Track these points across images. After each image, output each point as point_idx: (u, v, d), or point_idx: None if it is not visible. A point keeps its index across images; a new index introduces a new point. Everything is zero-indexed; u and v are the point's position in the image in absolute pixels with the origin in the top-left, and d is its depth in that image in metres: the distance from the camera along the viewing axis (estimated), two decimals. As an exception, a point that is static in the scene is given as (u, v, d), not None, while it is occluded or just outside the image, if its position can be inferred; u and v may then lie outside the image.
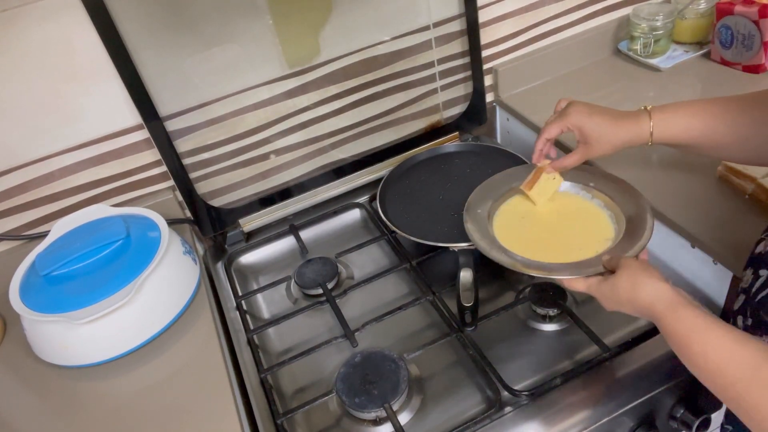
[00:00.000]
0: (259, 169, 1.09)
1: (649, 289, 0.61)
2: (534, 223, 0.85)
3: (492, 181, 0.93)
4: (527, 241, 0.81)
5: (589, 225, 0.83)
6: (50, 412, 0.78)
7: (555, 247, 0.79)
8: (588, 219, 0.84)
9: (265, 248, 1.09)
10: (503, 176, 0.93)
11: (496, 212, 0.88)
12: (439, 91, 1.17)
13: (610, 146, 0.79)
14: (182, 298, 0.88)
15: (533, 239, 0.82)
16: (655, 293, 0.61)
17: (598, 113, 0.79)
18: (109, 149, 1.00)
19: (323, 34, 1.01)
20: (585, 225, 0.83)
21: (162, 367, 0.81)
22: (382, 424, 0.76)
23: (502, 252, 0.79)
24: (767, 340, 0.60)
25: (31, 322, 0.82)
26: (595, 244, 0.78)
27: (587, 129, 0.78)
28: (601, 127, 0.77)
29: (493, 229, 0.84)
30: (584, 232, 0.82)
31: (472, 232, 0.82)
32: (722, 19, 1.12)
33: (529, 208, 0.88)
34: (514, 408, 0.74)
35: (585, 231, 0.82)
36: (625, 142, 0.77)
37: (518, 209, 0.88)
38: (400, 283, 0.97)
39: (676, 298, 0.59)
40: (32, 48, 0.88)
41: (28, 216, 1.01)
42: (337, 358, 0.85)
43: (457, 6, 1.09)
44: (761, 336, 0.61)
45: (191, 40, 0.93)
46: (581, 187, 0.88)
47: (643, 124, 0.76)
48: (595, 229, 0.81)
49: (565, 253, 0.77)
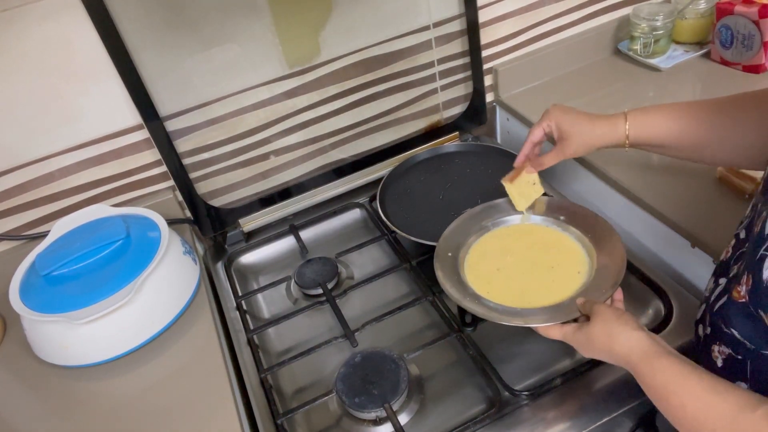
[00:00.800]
0: (259, 169, 1.09)
1: (623, 339, 0.61)
2: (506, 260, 0.83)
3: (460, 221, 0.90)
4: (500, 281, 0.80)
5: (562, 258, 0.81)
6: (50, 412, 0.78)
7: (529, 285, 0.78)
8: (561, 252, 0.82)
9: (265, 248, 1.09)
10: (470, 215, 0.90)
11: (468, 252, 0.85)
12: (439, 91, 1.17)
13: (585, 145, 0.79)
14: (182, 298, 0.88)
15: (506, 278, 0.80)
16: (629, 344, 0.60)
17: (576, 112, 0.80)
18: (109, 149, 1.00)
19: (323, 34, 1.01)
20: (558, 258, 0.81)
21: (162, 367, 0.81)
22: (382, 424, 0.76)
23: (476, 300, 0.77)
24: (723, 350, 0.60)
25: (31, 322, 0.82)
26: (569, 279, 0.77)
27: (565, 125, 0.79)
28: (577, 125, 0.78)
29: (465, 270, 0.82)
30: (558, 267, 0.80)
31: (443, 281, 0.79)
32: (722, 19, 1.12)
33: (500, 244, 0.86)
34: (514, 408, 0.74)
35: (558, 265, 0.80)
36: (601, 141, 0.77)
37: (489, 247, 0.86)
38: (400, 283, 0.97)
39: (652, 347, 0.59)
40: (32, 48, 0.88)
41: (28, 216, 1.01)
42: (337, 358, 0.85)
43: (457, 6, 1.09)
44: (718, 345, 0.61)
45: (191, 39, 0.93)
46: (552, 221, 0.86)
47: (618, 125, 0.76)
48: (568, 262, 0.80)
49: (539, 292, 0.76)
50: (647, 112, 0.76)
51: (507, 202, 0.89)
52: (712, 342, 0.62)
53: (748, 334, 0.56)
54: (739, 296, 0.56)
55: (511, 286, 0.79)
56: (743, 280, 0.55)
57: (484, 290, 0.79)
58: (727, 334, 0.59)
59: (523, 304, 0.75)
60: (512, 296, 0.77)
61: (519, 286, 0.79)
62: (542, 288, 0.77)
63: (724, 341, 0.60)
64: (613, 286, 0.72)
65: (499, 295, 0.77)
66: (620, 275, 0.73)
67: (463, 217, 0.90)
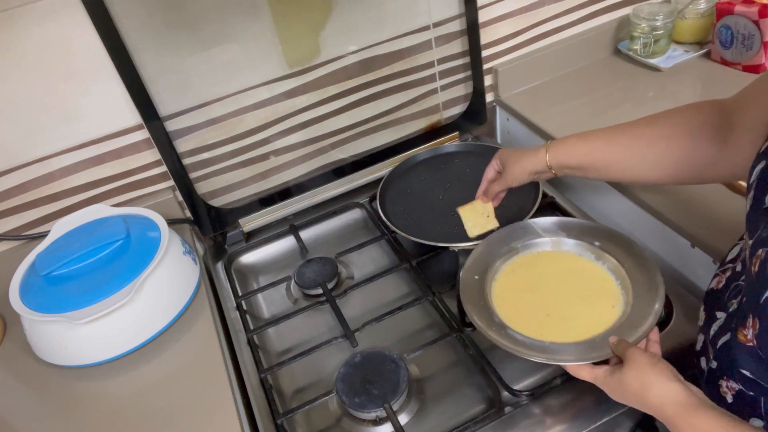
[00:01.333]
0: (259, 169, 1.09)
1: (658, 390, 0.58)
2: (535, 287, 0.79)
3: (488, 242, 0.86)
4: (528, 309, 0.76)
5: (595, 289, 0.77)
6: (50, 412, 0.78)
7: (558, 315, 0.74)
8: (593, 282, 0.78)
9: (265, 248, 1.09)
10: (499, 236, 0.86)
11: (495, 277, 0.81)
12: (439, 91, 1.17)
13: (519, 172, 0.85)
14: (182, 298, 0.88)
15: (534, 306, 0.76)
16: (664, 395, 0.57)
17: (515, 150, 0.88)
18: (109, 149, 1.00)
19: (323, 34, 1.01)
20: (590, 289, 0.77)
21: (162, 367, 0.81)
22: (382, 424, 0.76)
23: (502, 331, 0.72)
24: (732, 385, 0.59)
25: (31, 322, 0.82)
26: (601, 313, 0.73)
27: (502, 158, 0.88)
28: (512, 158, 0.86)
29: (492, 295, 0.78)
30: (589, 298, 0.76)
31: (467, 306, 0.76)
32: (722, 19, 1.12)
33: (530, 270, 0.82)
34: (514, 408, 0.74)
35: (590, 296, 0.76)
36: (531, 169, 0.83)
37: (518, 272, 0.82)
38: (400, 283, 0.97)
39: (688, 399, 0.56)
40: (32, 48, 0.88)
41: (28, 216, 1.01)
42: (337, 358, 0.85)
43: (457, 6, 1.09)
44: (726, 380, 0.59)
45: (191, 40, 0.93)
46: (586, 247, 0.81)
47: (540, 154, 0.82)
48: (600, 294, 0.76)
49: (569, 324, 0.72)
50: (565, 140, 0.81)
51: (536, 223, 0.86)
52: (719, 377, 0.60)
53: (761, 374, 0.54)
54: (746, 339, 0.55)
55: (540, 315, 0.75)
56: (748, 323, 0.54)
57: (511, 318, 0.74)
58: (737, 372, 0.57)
59: (551, 336, 0.71)
60: (540, 327, 0.73)
61: (548, 316, 0.74)
62: (572, 320, 0.73)
63: (732, 377, 0.58)
64: (650, 325, 0.68)
65: (526, 325, 0.73)
66: (658, 313, 0.69)
67: (491, 238, 0.86)
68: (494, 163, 0.90)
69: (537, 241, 0.84)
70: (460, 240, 0.93)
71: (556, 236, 0.84)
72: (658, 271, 0.74)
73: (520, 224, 0.87)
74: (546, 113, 1.16)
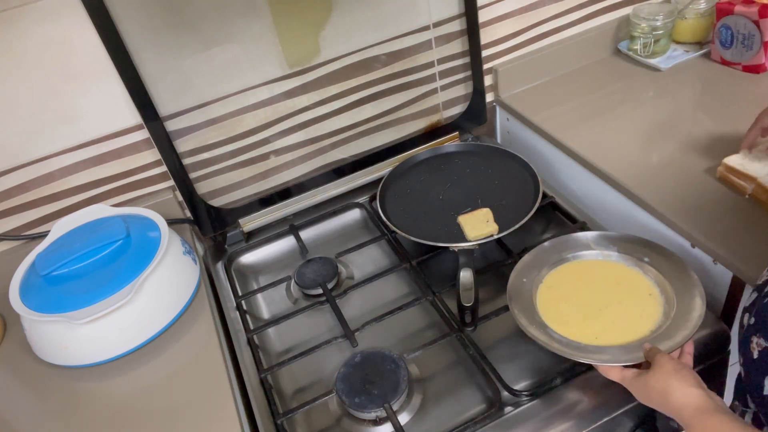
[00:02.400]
0: (259, 169, 1.09)
1: (679, 394, 0.61)
2: (579, 292, 0.82)
3: (539, 250, 0.88)
4: (569, 312, 0.80)
5: (636, 299, 0.80)
6: (50, 412, 0.78)
7: (597, 320, 0.78)
8: (635, 292, 0.81)
9: (265, 248, 1.09)
10: (551, 245, 0.89)
11: (543, 279, 0.85)
12: (439, 91, 1.17)
13: None
14: (182, 298, 0.88)
15: (575, 310, 0.80)
16: (684, 400, 0.61)
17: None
18: (109, 149, 1.00)
19: (323, 34, 1.01)
20: (632, 299, 0.80)
21: (162, 367, 0.81)
22: (382, 424, 0.76)
23: (542, 329, 0.77)
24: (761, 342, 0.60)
25: (31, 322, 0.82)
26: (640, 322, 0.76)
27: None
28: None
29: (536, 297, 0.83)
30: (630, 307, 0.79)
31: (513, 306, 0.80)
32: (722, 19, 1.12)
33: (575, 276, 0.85)
34: (514, 408, 0.74)
35: (631, 306, 0.79)
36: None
37: (564, 277, 0.85)
38: (400, 283, 0.97)
39: (705, 404, 0.59)
40: (32, 48, 0.88)
41: (28, 216, 1.01)
42: (337, 358, 0.85)
43: (457, 6, 1.09)
44: (758, 337, 0.61)
45: (191, 40, 0.93)
46: (634, 261, 0.84)
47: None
48: (641, 304, 0.79)
49: (607, 329, 0.76)
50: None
51: (586, 236, 0.88)
52: (753, 333, 0.62)
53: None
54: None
55: (580, 318, 0.78)
56: None
57: (552, 318, 0.79)
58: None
59: (589, 339, 0.75)
60: (579, 329, 0.76)
61: (588, 320, 0.78)
62: (611, 326, 0.77)
63: (764, 334, 0.60)
64: (684, 338, 0.71)
65: (567, 327, 0.77)
66: (694, 327, 0.72)
67: (540, 247, 0.88)
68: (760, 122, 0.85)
69: (585, 253, 0.87)
70: (460, 240, 0.93)
71: (607, 249, 0.86)
72: (700, 291, 0.76)
73: (572, 236, 0.89)
74: (546, 113, 1.16)
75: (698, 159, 0.96)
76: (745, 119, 0.89)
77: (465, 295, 0.86)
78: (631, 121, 1.09)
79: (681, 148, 1.00)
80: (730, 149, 0.90)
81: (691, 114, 1.09)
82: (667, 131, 1.05)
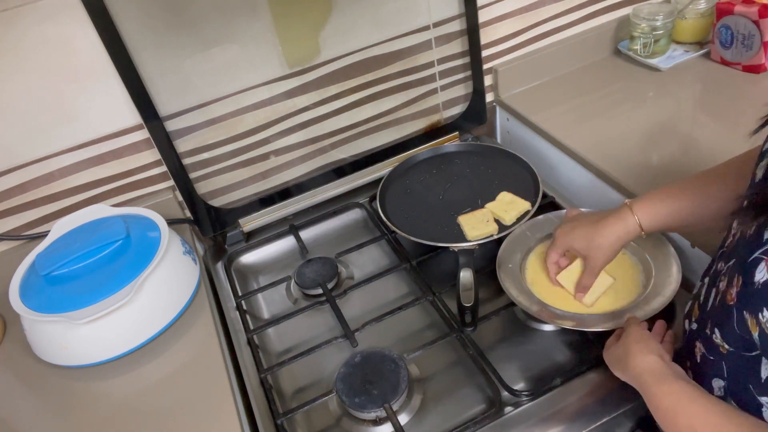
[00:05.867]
0: (259, 169, 1.09)
1: (638, 360, 0.63)
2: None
3: (525, 226, 0.93)
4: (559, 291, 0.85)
5: (619, 273, 0.84)
6: (50, 412, 0.78)
7: None
8: (619, 267, 0.85)
9: (265, 248, 1.09)
10: (539, 221, 0.94)
11: (531, 253, 0.91)
12: (439, 91, 1.17)
13: (606, 250, 0.76)
14: (182, 298, 0.88)
15: (564, 282, 0.84)
16: (642, 365, 0.62)
17: (579, 225, 0.78)
18: (109, 149, 1.00)
19: (323, 34, 1.01)
20: (615, 272, 0.83)
21: (162, 367, 0.81)
22: (382, 424, 0.76)
23: (530, 298, 0.83)
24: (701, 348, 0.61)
25: (31, 322, 0.82)
26: (620, 294, 0.82)
27: (576, 245, 0.78)
28: (585, 238, 0.77)
29: (526, 270, 0.88)
30: (615, 280, 0.83)
31: (509, 289, 0.83)
32: (722, 19, 1.12)
33: None
34: (514, 408, 0.74)
35: (615, 277, 0.83)
36: (618, 240, 0.75)
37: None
38: (400, 283, 0.97)
39: (662, 371, 0.60)
40: (32, 48, 0.88)
41: (28, 216, 1.01)
42: (337, 358, 0.85)
43: (457, 6, 1.09)
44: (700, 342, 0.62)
45: (191, 40, 0.93)
46: None
47: (628, 219, 0.74)
48: (623, 279, 0.83)
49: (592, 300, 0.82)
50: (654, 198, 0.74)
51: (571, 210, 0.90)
52: (696, 338, 0.63)
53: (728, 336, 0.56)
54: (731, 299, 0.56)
55: (566, 289, 0.83)
56: (734, 282, 0.55)
57: (537, 286, 0.85)
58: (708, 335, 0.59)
59: (573, 307, 0.81)
60: (563, 299, 0.82)
61: (572, 289, 0.83)
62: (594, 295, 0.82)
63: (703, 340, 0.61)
64: (661, 304, 0.75)
65: (553, 297, 0.83)
66: (671, 295, 0.76)
67: (529, 222, 0.93)
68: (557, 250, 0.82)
69: None
70: (460, 240, 0.93)
71: None
72: (675, 265, 0.81)
73: (562, 211, 0.93)
74: (546, 113, 1.16)
75: (698, 159, 0.96)
76: (745, 119, 0.88)
77: (465, 295, 0.86)
78: (631, 121, 1.09)
79: (681, 148, 1.00)
80: (730, 149, 0.90)
81: (691, 114, 1.09)
82: (667, 131, 1.05)
